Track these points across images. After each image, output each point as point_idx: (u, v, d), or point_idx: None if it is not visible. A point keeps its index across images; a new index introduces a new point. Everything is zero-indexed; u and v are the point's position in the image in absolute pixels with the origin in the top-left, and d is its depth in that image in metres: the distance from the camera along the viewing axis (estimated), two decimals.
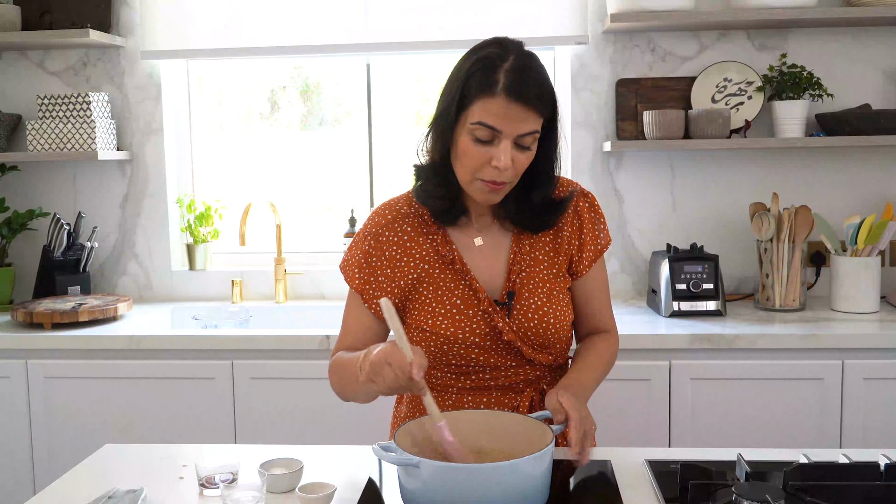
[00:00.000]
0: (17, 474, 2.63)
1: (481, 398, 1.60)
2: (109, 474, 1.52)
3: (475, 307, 1.55)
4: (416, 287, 1.58)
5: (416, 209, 1.62)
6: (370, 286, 1.59)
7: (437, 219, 1.58)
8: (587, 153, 2.98)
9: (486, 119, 1.43)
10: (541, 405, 1.61)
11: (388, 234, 1.60)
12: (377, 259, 1.59)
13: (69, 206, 3.16)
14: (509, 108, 1.42)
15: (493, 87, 1.42)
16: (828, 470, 1.33)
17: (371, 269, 1.59)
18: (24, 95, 3.13)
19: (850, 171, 2.94)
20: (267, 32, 3.02)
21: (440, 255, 1.58)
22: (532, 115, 1.44)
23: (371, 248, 1.60)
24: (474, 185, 1.49)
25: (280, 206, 3.14)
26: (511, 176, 1.48)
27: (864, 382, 2.40)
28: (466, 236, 1.60)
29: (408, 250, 1.59)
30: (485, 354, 1.56)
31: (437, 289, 1.57)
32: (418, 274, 1.58)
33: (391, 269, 1.58)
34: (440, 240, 1.58)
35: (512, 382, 1.60)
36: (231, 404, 2.55)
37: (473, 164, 1.46)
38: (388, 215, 1.62)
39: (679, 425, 2.45)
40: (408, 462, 1.24)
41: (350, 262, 1.62)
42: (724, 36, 2.91)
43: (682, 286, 2.66)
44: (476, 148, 1.45)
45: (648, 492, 1.40)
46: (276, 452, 1.55)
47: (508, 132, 1.43)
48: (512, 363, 1.59)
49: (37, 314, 2.67)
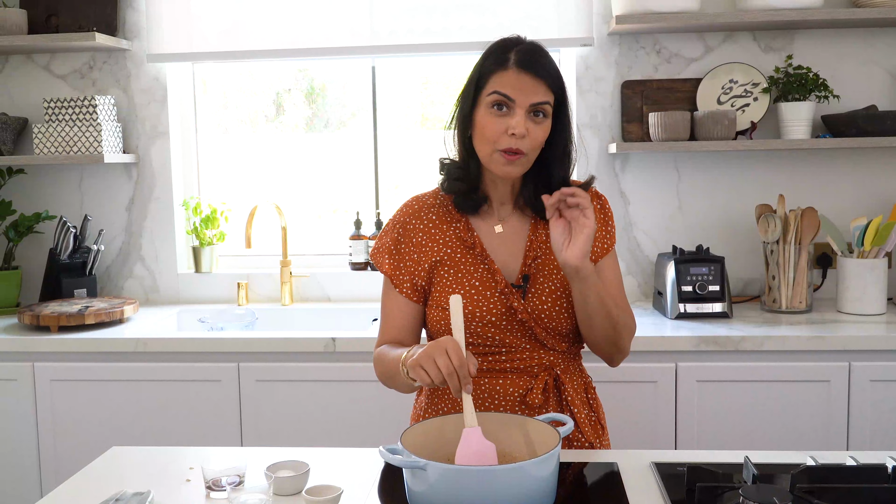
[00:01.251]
0: (24, 477, 2.63)
1: (496, 381, 1.64)
2: (116, 477, 1.53)
3: (493, 288, 1.63)
4: (439, 269, 1.67)
5: (441, 201, 1.73)
6: (399, 271, 1.70)
7: (460, 207, 1.69)
8: (593, 155, 2.98)
9: (500, 88, 1.56)
10: (554, 391, 1.66)
11: (414, 223, 1.71)
12: (405, 245, 1.70)
13: (75, 208, 3.17)
14: (520, 77, 1.55)
15: (506, 63, 1.57)
16: (835, 472, 1.33)
17: (399, 254, 1.70)
18: (30, 99, 3.14)
19: (857, 172, 2.94)
20: (272, 35, 3.02)
21: (462, 241, 1.68)
22: (542, 87, 1.56)
23: (399, 236, 1.71)
24: (494, 158, 1.59)
25: (285, 209, 3.14)
26: (528, 146, 1.57)
27: (870, 384, 2.39)
28: (488, 224, 1.69)
29: (432, 236, 1.69)
30: (500, 334, 1.63)
31: (458, 271, 1.66)
32: (441, 257, 1.68)
33: (417, 253, 1.69)
34: (463, 227, 1.68)
35: (527, 366, 1.65)
36: (237, 407, 2.56)
37: (492, 135, 1.57)
38: (415, 206, 1.74)
39: (685, 427, 2.45)
40: (414, 464, 1.24)
41: (380, 250, 1.73)
42: (729, 37, 2.91)
43: (688, 288, 2.66)
44: (493, 119, 1.56)
45: (655, 494, 1.39)
46: (282, 455, 1.56)
47: (521, 101, 1.55)
48: (526, 345, 1.65)
49: (43, 317, 2.68)
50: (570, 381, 1.68)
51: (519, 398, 1.64)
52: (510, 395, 1.64)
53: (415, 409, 1.80)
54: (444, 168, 1.71)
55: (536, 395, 1.62)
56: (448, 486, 1.22)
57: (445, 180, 1.70)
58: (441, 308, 1.65)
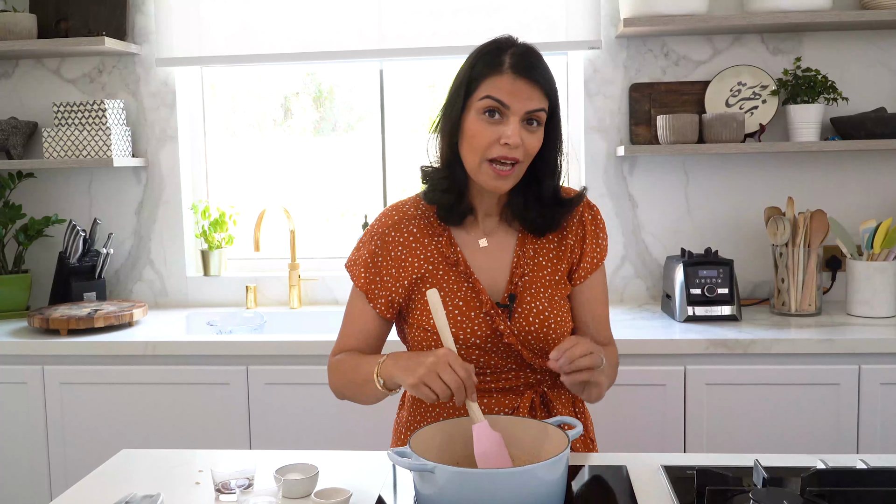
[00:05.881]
0: (34, 480, 2.64)
1: (481, 400, 1.59)
2: (126, 480, 1.53)
3: (477, 309, 1.56)
4: (419, 287, 1.59)
5: (422, 211, 1.64)
6: (375, 286, 1.61)
7: (443, 218, 1.60)
8: (601, 158, 2.98)
9: (494, 93, 1.46)
10: (541, 407, 1.62)
11: (394, 234, 1.61)
12: (383, 259, 1.61)
13: (85, 212, 3.18)
14: (515, 83, 1.46)
15: (500, 67, 1.47)
16: (845, 475, 1.32)
17: (377, 268, 1.61)
18: (40, 103, 3.16)
19: (866, 174, 2.93)
20: (280, 39, 3.03)
21: (444, 257, 1.59)
22: (537, 94, 1.47)
23: (377, 248, 1.61)
24: (483, 169, 1.50)
25: (294, 212, 3.15)
26: (521, 155, 1.48)
27: (880, 387, 2.38)
28: (472, 238, 1.61)
29: (413, 250, 1.60)
30: (485, 356, 1.57)
31: (440, 289, 1.57)
32: (422, 274, 1.59)
33: (396, 268, 1.60)
34: (445, 241, 1.60)
35: (512, 385, 1.60)
36: (246, 409, 2.56)
37: (482, 143, 1.47)
38: (394, 216, 1.64)
39: (695, 430, 2.44)
40: (423, 467, 1.24)
41: (356, 262, 1.65)
42: (737, 40, 2.91)
43: (697, 291, 2.65)
44: (485, 127, 1.47)
45: (665, 497, 1.39)
46: (291, 458, 1.56)
47: (516, 108, 1.46)
48: (512, 366, 1.59)
49: (53, 320, 2.69)
50: (558, 398, 1.63)
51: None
52: (495, 413, 1.58)
53: (396, 422, 1.76)
54: (427, 176, 1.61)
55: (523, 413, 1.57)
56: (457, 489, 1.22)
57: (429, 190, 1.60)
58: (423, 329, 1.57)
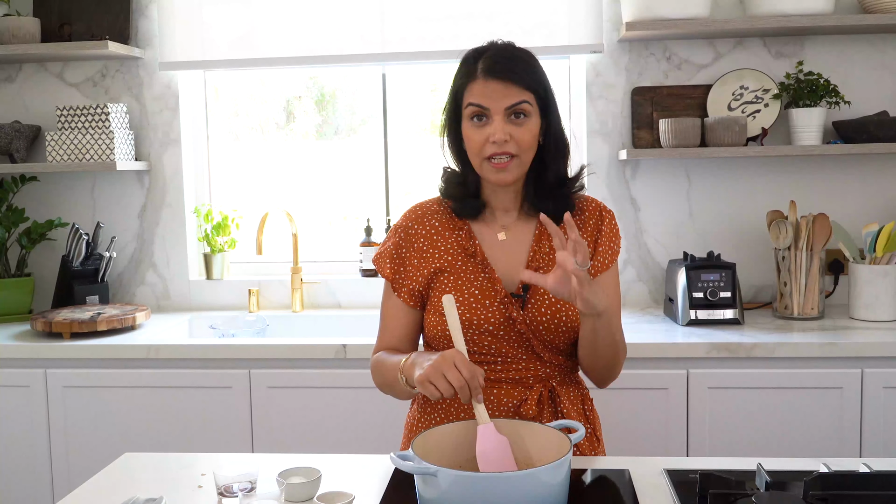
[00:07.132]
0: (37, 483, 2.64)
1: (491, 391, 1.64)
2: (128, 483, 1.53)
3: (492, 297, 1.63)
4: (439, 276, 1.68)
5: (444, 208, 1.74)
6: (399, 275, 1.71)
7: (457, 211, 1.71)
8: (603, 162, 2.98)
9: (473, 99, 1.59)
10: (549, 402, 1.65)
11: (417, 228, 1.72)
12: (406, 250, 1.71)
13: (88, 216, 3.19)
14: (487, 85, 1.57)
15: (475, 73, 1.60)
16: (848, 479, 1.32)
17: (401, 259, 1.72)
18: (43, 107, 3.16)
19: (868, 178, 2.92)
20: (283, 43, 3.04)
21: (463, 248, 1.68)
22: (513, 89, 1.57)
23: (401, 241, 1.72)
24: (484, 167, 1.62)
25: (296, 216, 3.15)
26: (514, 148, 1.58)
27: (883, 391, 2.38)
28: (491, 231, 1.70)
29: (434, 242, 1.70)
30: (498, 343, 1.63)
31: (458, 278, 1.66)
32: (442, 264, 1.68)
33: (418, 259, 1.70)
34: (465, 234, 1.69)
35: (522, 377, 1.65)
36: (248, 413, 2.56)
37: (477, 146, 1.60)
38: (418, 211, 1.76)
39: (697, 434, 2.44)
40: (425, 471, 1.24)
41: (383, 254, 1.75)
42: (740, 44, 2.91)
43: (700, 295, 2.65)
44: (475, 131, 1.59)
45: (668, 501, 1.39)
46: (293, 461, 1.56)
47: (495, 108, 1.57)
48: (523, 356, 1.64)
49: (56, 324, 2.69)
50: (567, 394, 1.67)
51: (513, 409, 1.63)
52: (504, 405, 1.63)
53: (408, 418, 1.80)
54: (445, 175, 1.74)
55: (531, 406, 1.61)
56: (459, 493, 1.22)
57: (445, 189, 1.73)
58: (439, 314, 1.65)
